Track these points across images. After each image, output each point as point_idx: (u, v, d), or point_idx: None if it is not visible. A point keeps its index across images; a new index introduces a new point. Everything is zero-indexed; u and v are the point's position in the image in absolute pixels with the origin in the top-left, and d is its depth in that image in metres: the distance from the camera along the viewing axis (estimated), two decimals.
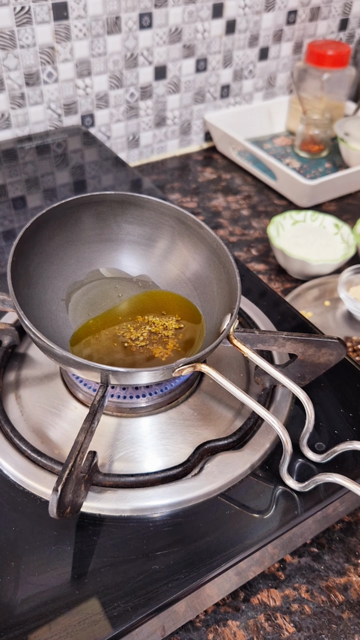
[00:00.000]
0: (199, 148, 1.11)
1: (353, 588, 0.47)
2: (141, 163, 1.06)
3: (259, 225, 0.89)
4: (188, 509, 0.43)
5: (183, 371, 0.42)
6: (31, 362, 0.53)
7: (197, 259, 0.53)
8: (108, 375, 0.41)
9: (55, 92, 0.91)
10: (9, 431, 0.47)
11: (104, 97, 0.95)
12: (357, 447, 0.44)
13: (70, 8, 0.84)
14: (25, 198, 0.78)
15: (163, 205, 0.53)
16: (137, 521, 0.42)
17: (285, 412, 0.50)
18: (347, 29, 1.16)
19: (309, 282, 0.76)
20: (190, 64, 1.00)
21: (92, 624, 0.37)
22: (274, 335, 0.47)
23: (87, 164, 0.87)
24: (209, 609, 0.45)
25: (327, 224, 0.81)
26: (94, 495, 0.43)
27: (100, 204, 0.53)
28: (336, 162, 1.04)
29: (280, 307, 0.61)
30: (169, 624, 0.41)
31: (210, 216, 0.91)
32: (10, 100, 0.88)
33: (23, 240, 0.47)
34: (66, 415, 0.49)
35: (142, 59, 0.95)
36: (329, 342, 0.47)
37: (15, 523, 0.42)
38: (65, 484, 0.36)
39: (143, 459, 0.46)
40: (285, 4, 1.04)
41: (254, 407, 0.42)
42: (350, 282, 0.73)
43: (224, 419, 0.50)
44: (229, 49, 1.03)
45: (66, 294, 0.52)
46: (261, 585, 0.47)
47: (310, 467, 0.47)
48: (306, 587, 0.47)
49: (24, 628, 0.37)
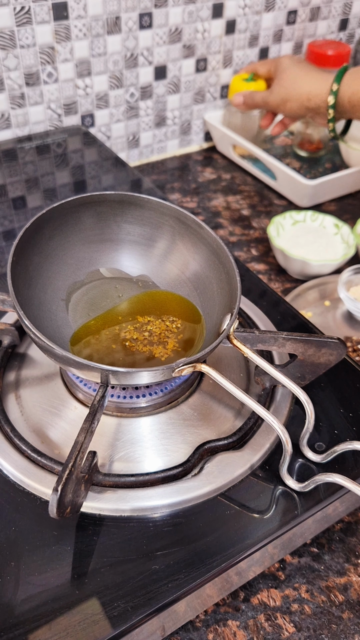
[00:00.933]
0: (199, 148, 1.11)
1: (353, 588, 0.47)
2: (141, 163, 1.06)
3: (259, 225, 0.89)
4: (188, 509, 0.43)
5: (183, 371, 0.42)
6: (31, 362, 0.53)
7: (197, 259, 0.53)
8: (108, 375, 0.41)
9: (55, 92, 0.91)
10: (9, 431, 0.47)
11: (104, 97, 0.95)
12: (357, 447, 0.44)
13: (70, 8, 0.84)
14: (25, 198, 0.78)
15: (163, 205, 0.53)
16: (137, 521, 0.42)
17: (285, 412, 0.50)
18: (347, 29, 1.16)
19: (309, 282, 0.76)
20: (190, 64, 1.00)
21: (92, 624, 0.37)
22: (274, 335, 0.47)
23: (87, 164, 0.87)
24: (209, 609, 0.45)
25: (327, 224, 0.81)
26: (94, 495, 0.43)
27: (100, 204, 0.53)
28: (336, 162, 1.04)
29: (280, 307, 0.61)
30: (169, 624, 0.41)
31: (210, 216, 0.91)
32: (10, 100, 0.88)
33: (23, 240, 0.47)
34: (66, 415, 0.49)
35: (142, 59, 0.95)
36: (329, 342, 0.47)
37: (15, 523, 0.42)
38: (65, 484, 0.36)
39: (143, 459, 0.46)
40: (285, 4, 1.04)
41: (254, 407, 0.42)
42: (350, 282, 0.73)
43: (224, 419, 0.50)
44: (229, 49, 1.03)
45: (66, 294, 0.52)
46: (261, 585, 0.47)
47: (310, 467, 0.47)
48: (306, 587, 0.47)
49: (24, 628, 0.37)
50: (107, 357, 0.47)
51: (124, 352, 0.48)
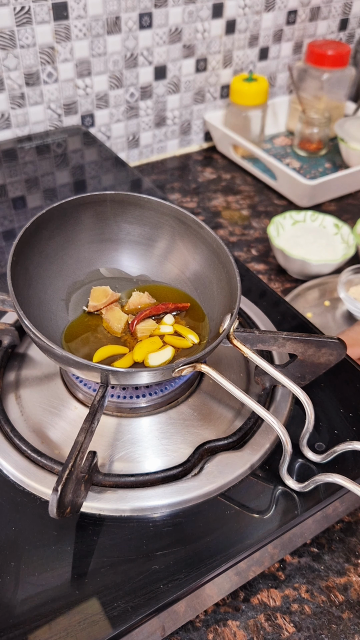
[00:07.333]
0: (199, 148, 1.11)
1: (353, 588, 0.47)
2: (141, 163, 1.06)
3: (259, 225, 0.89)
4: (188, 509, 0.43)
5: (183, 371, 0.42)
6: (31, 362, 0.53)
7: (197, 259, 0.53)
8: (108, 375, 0.41)
9: (55, 92, 0.91)
10: (9, 431, 0.47)
11: (104, 97, 0.95)
12: (357, 447, 0.44)
13: (70, 8, 0.84)
14: (25, 198, 0.78)
15: (163, 205, 0.53)
16: (137, 521, 0.42)
17: (285, 412, 0.50)
18: (347, 29, 1.16)
19: (308, 282, 0.76)
20: (190, 64, 1.00)
21: (92, 624, 0.37)
22: (274, 335, 0.47)
23: (87, 164, 0.87)
24: (209, 609, 0.45)
25: (327, 224, 0.81)
26: (94, 495, 0.43)
27: (100, 204, 0.53)
28: (336, 162, 1.04)
29: (280, 307, 0.61)
30: (169, 624, 0.41)
31: (210, 216, 0.91)
32: (10, 100, 0.88)
33: (23, 240, 0.47)
34: (66, 415, 0.49)
35: (142, 59, 0.95)
36: (329, 342, 0.47)
37: (15, 523, 0.42)
38: (65, 484, 0.36)
39: (143, 459, 0.46)
40: (285, 4, 1.04)
41: (254, 407, 0.42)
42: (350, 282, 0.73)
43: (224, 419, 0.50)
44: (229, 49, 1.03)
45: (66, 294, 0.52)
46: (261, 585, 0.47)
47: (310, 467, 0.47)
48: (306, 587, 0.47)
49: (24, 628, 0.37)
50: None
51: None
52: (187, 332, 0.49)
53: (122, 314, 0.50)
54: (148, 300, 0.51)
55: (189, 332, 0.49)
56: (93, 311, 0.51)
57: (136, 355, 0.46)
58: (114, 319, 0.49)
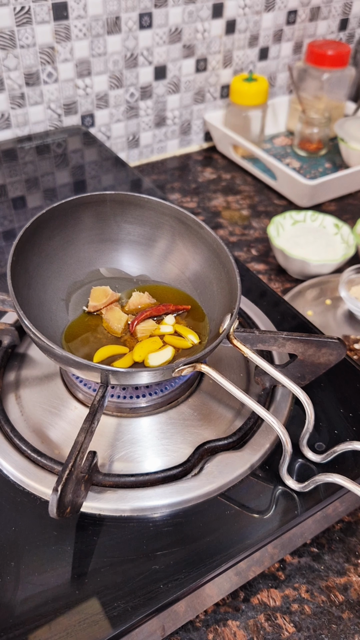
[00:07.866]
0: (199, 148, 1.11)
1: (353, 588, 0.47)
2: (141, 163, 1.06)
3: (259, 225, 0.89)
4: (188, 509, 0.43)
5: (183, 371, 0.42)
6: (31, 362, 0.53)
7: (197, 259, 0.53)
8: (108, 375, 0.41)
9: (55, 92, 0.91)
10: (9, 431, 0.47)
11: (104, 97, 0.95)
12: (357, 447, 0.44)
13: (70, 8, 0.84)
14: (25, 198, 0.78)
15: (163, 205, 0.53)
16: (137, 521, 0.42)
17: (285, 412, 0.50)
18: (347, 29, 1.16)
19: (309, 280, 0.76)
20: (190, 64, 1.00)
21: (92, 624, 0.37)
22: (274, 335, 0.47)
23: (87, 164, 0.87)
24: (209, 609, 0.45)
25: (327, 224, 0.81)
26: (94, 495, 0.43)
27: (100, 204, 0.53)
28: (336, 162, 1.04)
29: (280, 307, 0.61)
30: (169, 624, 0.41)
31: (210, 216, 0.91)
32: (10, 100, 0.88)
33: (23, 240, 0.47)
34: (66, 415, 0.49)
35: (142, 59, 0.95)
36: (329, 342, 0.47)
37: (15, 523, 0.42)
38: (65, 484, 0.36)
39: (143, 459, 0.46)
40: (285, 4, 1.04)
41: (254, 407, 0.42)
42: (351, 282, 0.73)
43: (224, 419, 0.50)
44: (229, 49, 1.03)
45: (66, 294, 0.52)
46: (261, 585, 0.47)
47: (310, 467, 0.46)
48: (306, 587, 0.47)
49: (24, 628, 0.37)
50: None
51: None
52: (187, 332, 0.49)
53: (122, 314, 0.50)
54: (148, 301, 0.51)
55: (189, 332, 0.49)
56: (93, 311, 0.51)
57: (136, 356, 0.46)
58: (114, 319, 0.49)
